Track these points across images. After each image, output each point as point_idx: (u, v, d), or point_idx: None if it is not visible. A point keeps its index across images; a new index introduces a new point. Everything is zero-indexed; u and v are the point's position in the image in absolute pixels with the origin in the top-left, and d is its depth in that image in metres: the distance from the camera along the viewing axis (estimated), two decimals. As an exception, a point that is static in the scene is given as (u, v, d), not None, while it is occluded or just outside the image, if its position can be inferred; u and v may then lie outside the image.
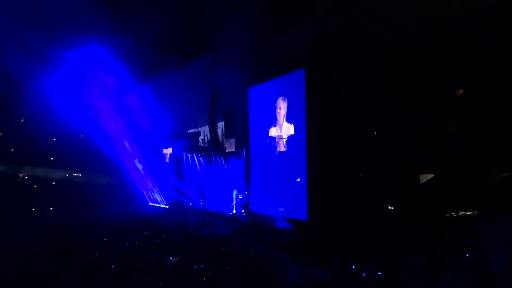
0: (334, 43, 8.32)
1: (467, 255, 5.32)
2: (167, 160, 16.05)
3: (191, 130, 15.44)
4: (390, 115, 8.01)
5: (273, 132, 10.14)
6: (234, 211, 11.99)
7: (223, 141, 13.83)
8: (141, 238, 8.23)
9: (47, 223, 10.96)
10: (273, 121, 10.14)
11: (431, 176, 7.94)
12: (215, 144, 14.03)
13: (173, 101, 14.03)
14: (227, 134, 13.67)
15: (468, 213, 7.24)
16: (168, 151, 16.17)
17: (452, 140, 7.38)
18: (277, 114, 9.95)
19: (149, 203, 15.91)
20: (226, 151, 13.58)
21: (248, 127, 11.40)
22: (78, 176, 15.16)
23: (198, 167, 14.50)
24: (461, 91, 7.65)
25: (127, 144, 14.80)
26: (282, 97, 9.77)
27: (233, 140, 13.52)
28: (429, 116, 7.60)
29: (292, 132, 9.45)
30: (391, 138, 8.09)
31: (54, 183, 14.56)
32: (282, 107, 9.71)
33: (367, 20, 7.62)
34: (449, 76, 7.35)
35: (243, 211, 11.75)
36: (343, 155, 8.35)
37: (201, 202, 13.71)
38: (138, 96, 13.44)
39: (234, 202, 12.14)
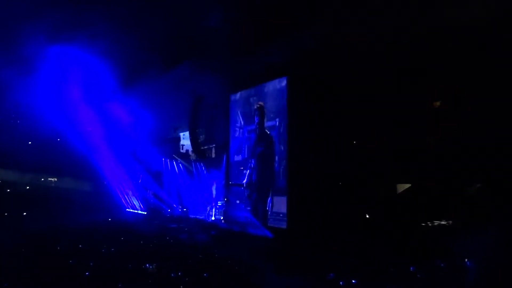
0: (318, 52, 8.46)
1: (442, 265, 5.40)
2: (147, 166, 15.89)
3: (171, 136, 15.34)
4: (370, 125, 8.13)
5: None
6: (213, 218, 11.95)
7: (203, 147, 13.75)
8: (118, 244, 8.06)
9: (20, 229, 10.63)
10: (252, 127, 10.18)
11: (408, 185, 8.07)
12: (195, 150, 13.96)
13: (153, 106, 13.94)
14: (208, 140, 13.62)
15: (443, 223, 7.33)
16: (148, 156, 15.99)
17: (429, 150, 7.51)
18: (255, 120, 9.98)
19: (127, 209, 15.68)
20: (206, 156, 13.53)
21: (229, 134, 11.41)
22: (54, 181, 14.82)
23: (178, 174, 14.41)
24: (438, 103, 7.82)
25: (105, 149, 14.55)
26: (262, 104, 9.82)
27: (213, 147, 13.48)
28: (408, 126, 7.72)
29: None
30: (371, 148, 8.20)
31: (28, 187, 14.17)
32: (261, 113, 9.77)
33: (352, 30, 7.76)
34: (430, 87, 7.49)
35: (222, 218, 11.71)
36: (323, 163, 8.45)
37: (180, 208, 13.62)
38: (117, 100, 13.30)
39: (213, 209, 12.10)
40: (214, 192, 12.34)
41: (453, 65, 7.02)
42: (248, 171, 9.51)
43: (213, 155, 13.47)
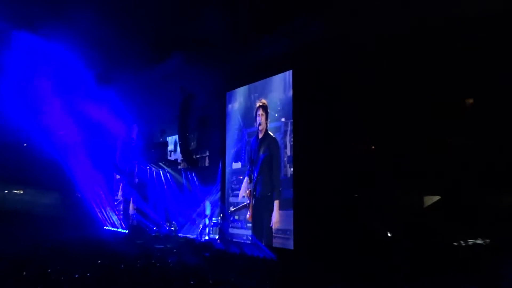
0: (325, 42, 8.44)
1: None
2: (128, 176, 15.88)
3: (157, 141, 15.31)
4: (387, 125, 8.07)
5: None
6: (206, 237, 11.84)
7: (195, 153, 13.73)
8: (94, 269, 7.96)
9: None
10: (253, 129, 10.18)
11: (437, 198, 7.99)
12: (185, 157, 13.92)
13: (136, 105, 13.94)
14: (200, 145, 13.56)
15: (479, 242, 7.26)
16: (130, 164, 16.00)
17: (462, 156, 7.44)
18: (257, 121, 9.98)
19: (105, 227, 15.64)
20: (199, 165, 13.49)
21: (225, 137, 11.35)
22: (20, 193, 14.75)
23: (165, 185, 14.36)
24: (470, 101, 7.76)
25: (79, 156, 14.54)
26: (265, 102, 9.79)
27: (206, 154, 13.42)
28: (434, 125, 7.67)
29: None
30: (390, 153, 8.12)
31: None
32: (264, 113, 9.76)
33: (358, 20, 7.80)
34: (453, 83, 7.45)
35: (217, 237, 11.62)
36: (336, 171, 8.37)
37: (168, 226, 13.56)
38: (94, 98, 13.29)
39: (207, 227, 12.01)
40: (207, 206, 12.28)
41: (476, 53, 7.05)
42: (246, 177, 9.48)
43: (207, 163, 13.41)
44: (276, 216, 9.29)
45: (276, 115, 9.59)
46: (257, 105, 9.99)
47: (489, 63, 6.96)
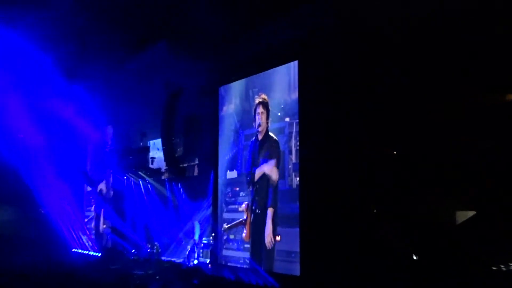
0: (338, 28, 8.54)
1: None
2: (101, 188, 15.88)
3: (137, 146, 15.34)
4: (412, 126, 8.10)
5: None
6: (195, 261, 11.85)
7: (182, 161, 13.74)
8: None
9: None
10: (252, 131, 10.21)
11: (471, 213, 8.00)
12: (170, 166, 13.93)
13: (112, 104, 13.98)
14: (188, 151, 13.58)
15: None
16: (103, 174, 16.01)
17: (496, 162, 7.47)
18: (257, 120, 10.01)
19: (74, 249, 15.61)
20: (186, 175, 13.52)
21: (218, 141, 11.39)
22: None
23: (146, 198, 14.35)
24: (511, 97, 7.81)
25: (44, 164, 14.57)
26: (265, 98, 9.83)
27: (196, 160, 13.44)
28: (464, 127, 7.71)
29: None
30: (414, 160, 8.15)
31: None
32: (264, 111, 9.84)
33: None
34: (487, 77, 7.49)
35: (208, 261, 11.62)
36: (349, 181, 8.43)
37: (149, 248, 13.54)
38: (62, 96, 13.35)
39: (196, 248, 12.00)
40: (197, 224, 12.28)
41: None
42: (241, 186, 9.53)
43: (196, 172, 13.42)
44: (269, 228, 9.39)
45: (279, 114, 9.62)
46: (256, 101, 10.03)
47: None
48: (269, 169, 9.68)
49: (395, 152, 8.70)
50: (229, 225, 10.68)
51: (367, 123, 8.45)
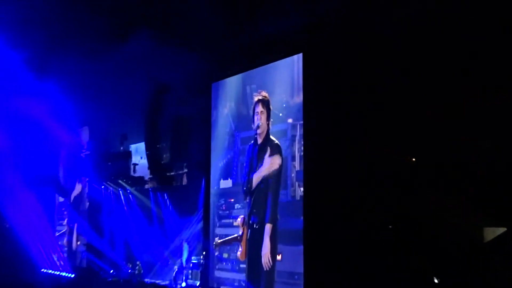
0: (349, 15, 8.57)
1: None
2: (75, 198, 15.86)
3: (116, 150, 15.32)
4: (433, 128, 8.11)
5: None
6: (183, 284, 11.85)
7: (168, 168, 13.76)
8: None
9: None
10: (250, 134, 10.22)
11: (502, 230, 8.00)
12: (155, 173, 13.91)
13: (89, 102, 13.96)
14: (176, 157, 13.60)
15: None
16: (78, 183, 15.99)
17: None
18: (255, 121, 10.02)
19: (43, 269, 15.55)
20: (173, 184, 13.54)
21: (211, 145, 11.40)
22: None
23: (126, 211, 14.33)
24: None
25: (8, 171, 14.57)
26: (265, 96, 9.85)
27: (184, 167, 13.44)
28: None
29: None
30: (437, 168, 8.15)
31: None
32: (264, 110, 9.85)
33: None
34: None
35: (198, 283, 11.61)
36: (361, 192, 8.41)
37: (130, 268, 13.52)
38: (30, 92, 13.34)
39: (184, 270, 12.00)
40: (185, 246, 12.27)
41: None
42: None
43: (185, 181, 13.43)
44: (267, 246, 9.36)
45: (281, 114, 9.61)
46: (255, 99, 10.01)
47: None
48: (270, 169, 9.70)
49: (413, 160, 8.69)
50: (221, 240, 10.66)
51: (382, 126, 8.43)
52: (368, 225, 8.44)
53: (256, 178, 9.94)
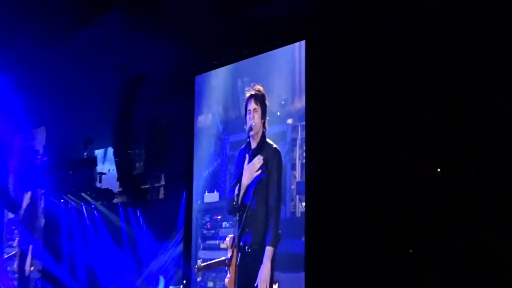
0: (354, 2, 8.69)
1: None
2: (28, 214, 15.80)
3: (79, 157, 15.28)
4: (461, 129, 8.15)
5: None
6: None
7: (142, 179, 13.76)
8: None
9: None
10: (242, 137, 10.18)
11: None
12: (126, 185, 13.88)
13: (45, 99, 13.94)
14: (151, 165, 13.59)
15: None
16: (31, 197, 15.92)
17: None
18: (248, 121, 9.97)
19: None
20: (148, 198, 13.58)
21: (193, 151, 11.42)
22: None
23: (90, 230, 14.30)
24: None
25: None
26: (260, 90, 9.84)
27: (162, 179, 13.42)
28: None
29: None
30: (456, 180, 8.18)
31: None
32: (258, 107, 9.82)
33: None
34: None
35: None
36: (375, 210, 8.42)
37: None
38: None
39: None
40: (161, 279, 12.27)
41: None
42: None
43: (162, 195, 13.43)
44: (265, 273, 9.29)
45: (279, 113, 9.63)
46: (248, 94, 9.97)
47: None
48: (264, 188, 9.57)
49: (438, 170, 8.72)
50: (205, 264, 10.63)
51: (399, 126, 8.44)
52: (384, 248, 8.45)
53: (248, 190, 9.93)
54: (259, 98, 9.67)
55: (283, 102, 9.59)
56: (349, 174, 8.70)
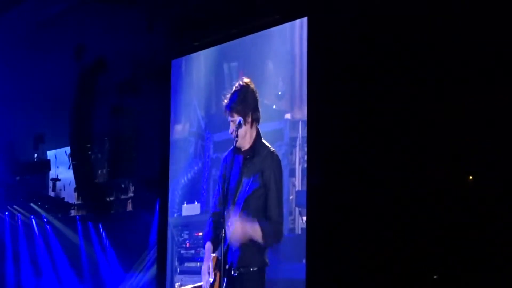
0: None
1: None
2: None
3: (28, 159, 15.26)
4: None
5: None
6: None
7: (106, 187, 13.76)
8: None
9: None
10: (228, 136, 10.12)
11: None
12: (85, 195, 13.87)
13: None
14: (118, 170, 13.61)
15: None
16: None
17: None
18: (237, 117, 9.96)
19: None
20: (113, 210, 13.58)
21: (168, 153, 11.42)
22: None
23: (41, 249, 14.29)
24: None
25: None
26: (248, 83, 9.83)
27: (129, 185, 13.43)
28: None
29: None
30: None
31: None
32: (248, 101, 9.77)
33: None
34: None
35: None
36: (388, 219, 8.48)
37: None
38: None
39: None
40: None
41: None
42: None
43: (130, 207, 13.43)
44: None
45: (275, 106, 9.65)
46: (236, 86, 9.95)
47: None
48: (258, 200, 9.43)
49: (470, 178, 8.80)
50: None
51: (417, 119, 8.51)
52: (402, 272, 8.52)
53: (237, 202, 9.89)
54: (249, 91, 9.31)
55: (280, 93, 9.62)
56: (361, 181, 8.72)
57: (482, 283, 7.74)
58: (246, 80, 9.45)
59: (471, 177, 8.30)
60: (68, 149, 14.16)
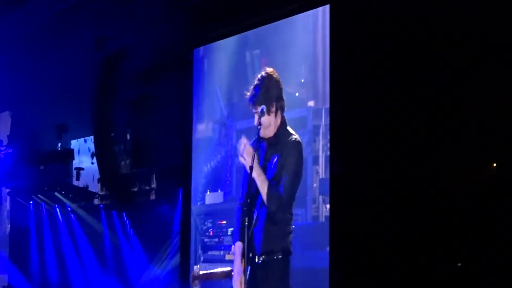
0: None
1: None
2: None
3: (51, 148, 15.26)
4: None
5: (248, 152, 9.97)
6: None
7: (129, 178, 13.78)
8: None
9: None
10: (252, 123, 10.06)
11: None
12: (109, 185, 13.87)
13: (8, 78, 13.95)
14: (140, 160, 13.61)
15: None
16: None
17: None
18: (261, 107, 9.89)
19: None
20: (137, 199, 13.57)
21: (191, 141, 11.39)
22: None
23: (65, 237, 14.31)
24: None
25: None
26: (271, 73, 9.76)
27: (152, 175, 13.44)
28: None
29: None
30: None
31: None
32: (275, 93, 9.69)
33: None
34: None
35: None
36: (415, 208, 8.38)
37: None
38: None
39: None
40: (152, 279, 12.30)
41: None
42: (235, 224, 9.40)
43: (153, 196, 13.42)
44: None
45: (298, 94, 9.61)
46: (259, 76, 9.87)
47: None
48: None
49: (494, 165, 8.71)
50: (204, 272, 10.64)
51: (453, 112, 8.39)
52: (426, 256, 8.44)
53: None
54: (273, 81, 9.23)
55: (302, 81, 9.58)
56: (385, 169, 8.64)
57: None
58: (268, 70, 9.40)
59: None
60: (91, 139, 14.12)
